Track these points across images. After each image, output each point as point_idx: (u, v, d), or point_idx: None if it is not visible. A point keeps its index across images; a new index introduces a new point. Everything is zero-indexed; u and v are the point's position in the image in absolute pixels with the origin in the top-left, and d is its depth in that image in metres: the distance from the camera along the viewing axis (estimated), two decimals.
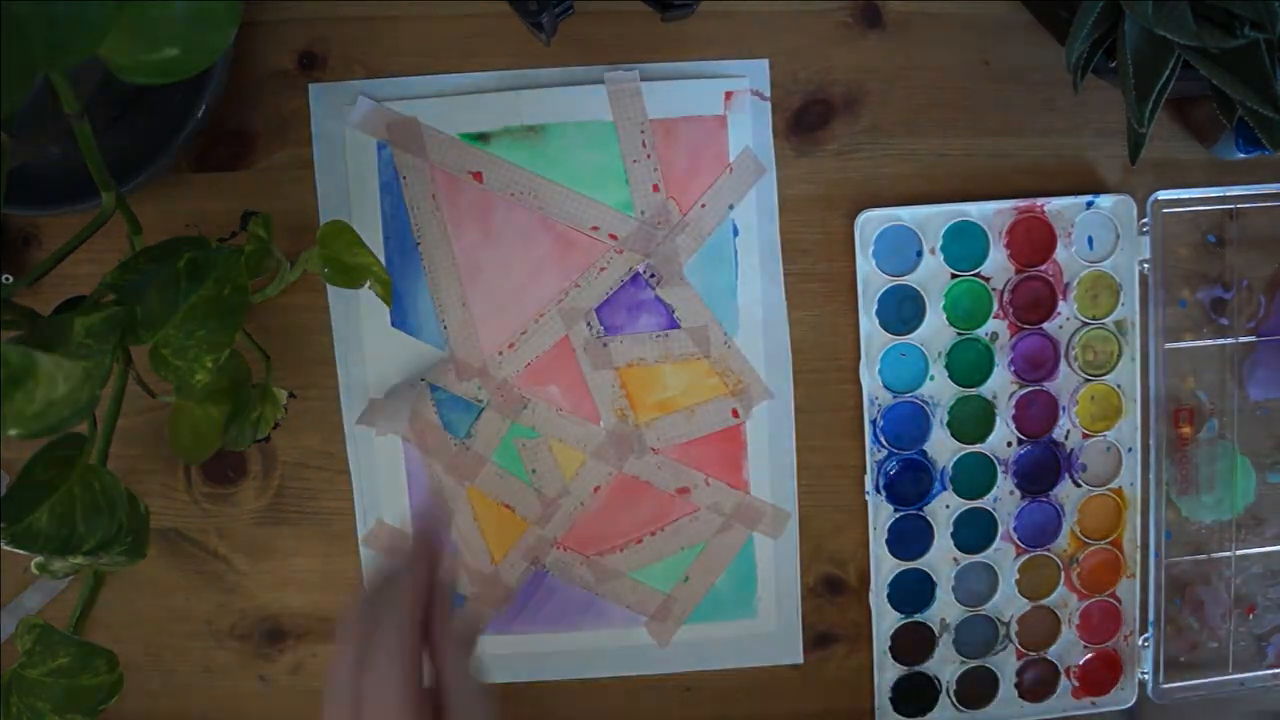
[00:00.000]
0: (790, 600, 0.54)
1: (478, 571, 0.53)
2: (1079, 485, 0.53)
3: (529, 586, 0.53)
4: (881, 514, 0.53)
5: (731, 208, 0.51)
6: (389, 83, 0.50)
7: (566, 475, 0.52)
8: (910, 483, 0.53)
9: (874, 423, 0.52)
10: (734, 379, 0.52)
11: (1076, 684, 0.55)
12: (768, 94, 0.51)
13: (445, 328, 0.51)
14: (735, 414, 0.52)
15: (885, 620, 0.53)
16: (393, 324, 0.51)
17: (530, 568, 0.53)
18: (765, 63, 0.51)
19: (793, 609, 0.54)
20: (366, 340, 0.51)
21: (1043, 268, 0.52)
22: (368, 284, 0.45)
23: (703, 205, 0.51)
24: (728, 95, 0.50)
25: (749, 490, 0.53)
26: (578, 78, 0.50)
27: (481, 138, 0.50)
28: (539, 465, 0.52)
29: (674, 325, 0.52)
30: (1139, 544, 0.54)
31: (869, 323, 0.52)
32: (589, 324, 0.51)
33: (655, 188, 0.51)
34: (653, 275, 0.51)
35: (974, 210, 0.51)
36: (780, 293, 0.52)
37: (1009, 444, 0.53)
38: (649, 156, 0.50)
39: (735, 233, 0.51)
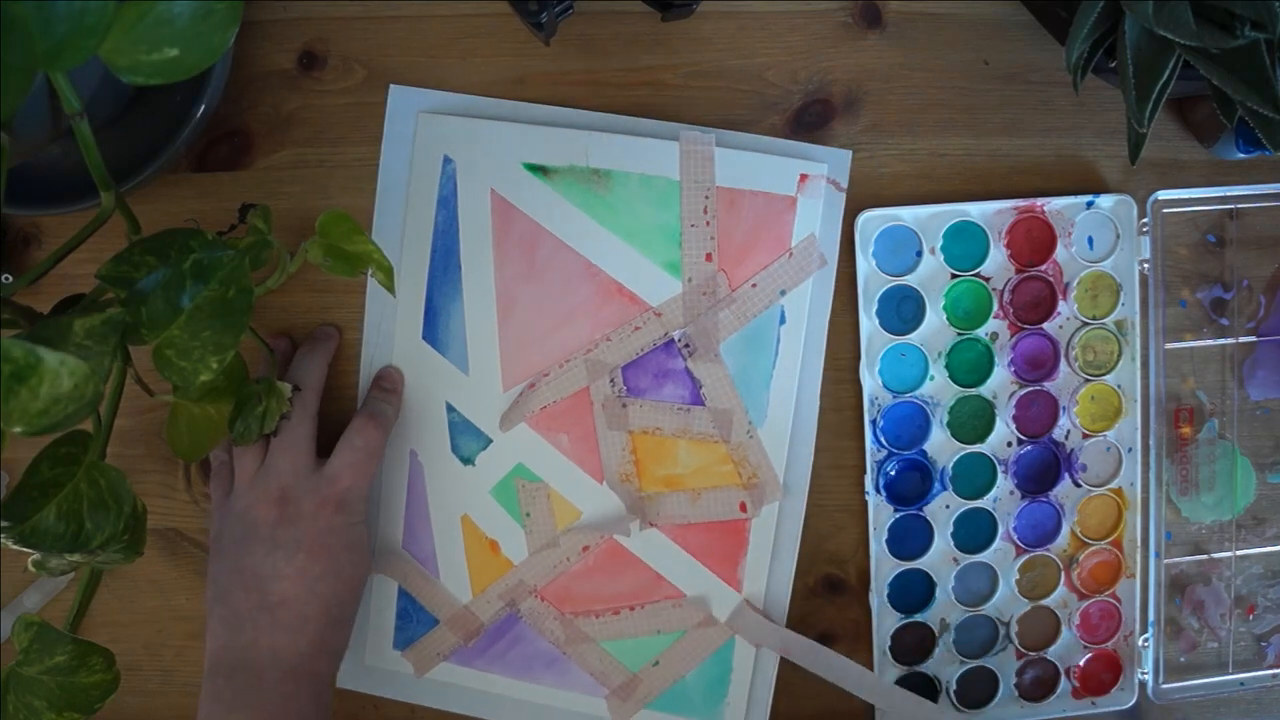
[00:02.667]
0: (759, 714, 0.52)
1: (454, 601, 0.52)
2: (1079, 485, 0.53)
3: (499, 627, 0.52)
4: (881, 514, 0.53)
5: (783, 294, 0.50)
6: (469, 99, 0.50)
7: (559, 526, 0.51)
8: (910, 483, 0.53)
9: (874, 423, 0.52)
10: (749, 472, 0.51)
11: (1076, 684, 0.55)
12: (845, 185, 0.50)
13: (471, 352, 0.51)
14: (743, 508, 0.51)
15: (885, 620, 0.53)
16: (423, 336, 0.51)
17: (504, 609, 0.52)
18: (848, 154, 0.50)
19: None
20: (396, 347, 0.51)
21: (1043, 268, 0.52)
22: (370, 271, 0.45)
23: (753, 285, 0.50)
24: (802, 177, 0.49)
25: (741, 590, 0.51)
26: (653, 130, 0.50)
27: (544, 171, 0.50)
28: (534, 510, 0.51)
29: (698, 401, 0.50)
30: (1139, 544, 0.54)
31: (869, 323, 0.52)
32: (612, 381, 0.50)
33: (708, 256, 0.50)
34: (687, 345, 0.50)
35: (974, 210, 0.51)
36: (816, 391, 0.51)
37: (1009, 444, 0.53)
38: (708, 223, 0.49)
39: (782, 320, 0.50)
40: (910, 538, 0.53)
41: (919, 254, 0.51)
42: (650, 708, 0.52)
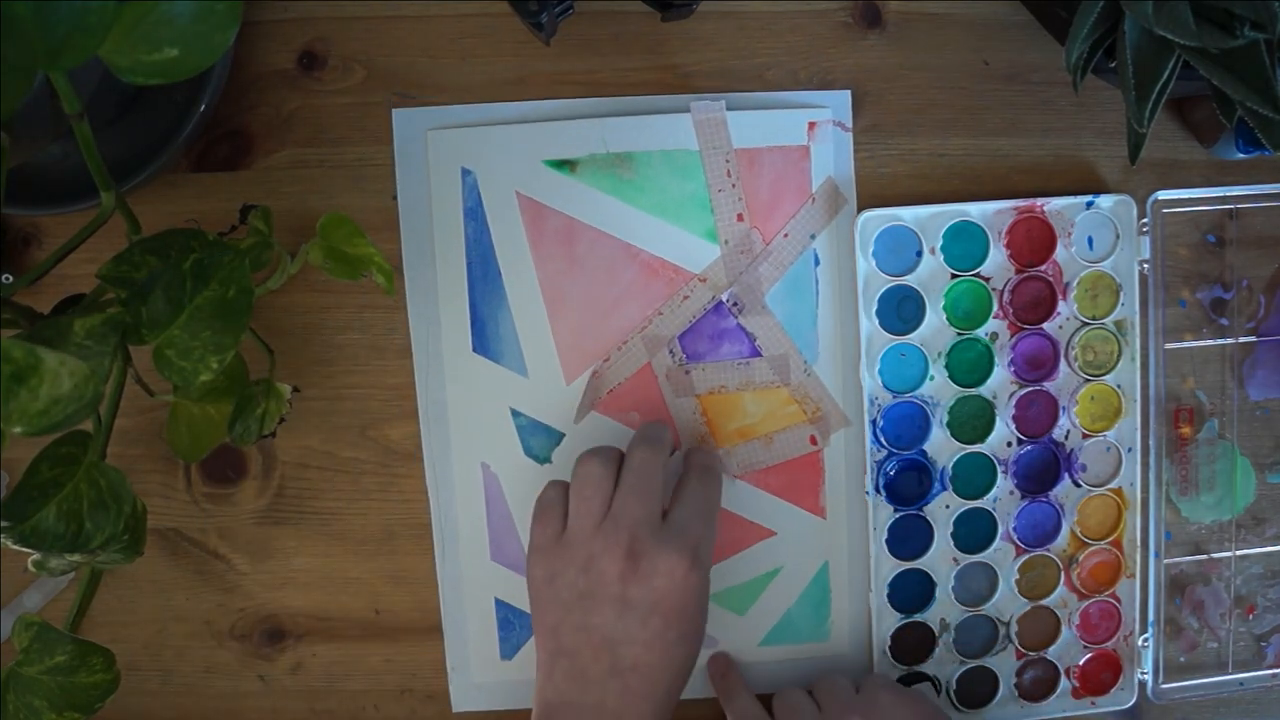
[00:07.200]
0: (861, 624, 0.54)
1: None
2: (1079, 485, 0.53)
3: None
4: (881, 514, 0.53)
5: (813, 237, 0.51)
6: (472, 108, 0.50)
7: None
8: (910, 483, 0.53)
9: (874, 423, 0.52)
10: (813, 407, 0.52)
11: (1076, 684, 0.55)
12: (849, 125, 0.51)
13: (527, 354, 0.51)
14: (813, 441, 0.52)
15: (885, 620, 0.53)
16: (474, 349, 0.51)
17: None
18: (847, 94, 0.51)
19: (863, 632, 0.54)
20: (447, 364, 0.51)
21: (1042, 268, 0.52)
22: (372, 273, 0.45)
23: (785, 235, 0.51)
24: (811, 125, 0.51)
25: (825, 516, 0.53)
26: (664, 106, 0.51)
27: (568, 165, 0.50)
28: None
29: (755, 353, 0.52)
30: (1139, 544, 0.54)
31: (869, 323, 0.52)
32: (671, 352, 0.51)
33: (739, 217, 0.51)
34: (735, 304, 0.51)
35: (974, 210, 0.51)
36: (857, 322, 0.52)
37: (1009, 444, 0.53)
38: (734, 186, 0.51)
39: (816, 262, 0.52)
40: (910, 538, 0.53)
41: (919, 254, 0.51)
42: (762, 644, 0.53)
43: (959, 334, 0.52)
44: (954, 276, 0.52)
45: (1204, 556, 0.55)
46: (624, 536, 0.43)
